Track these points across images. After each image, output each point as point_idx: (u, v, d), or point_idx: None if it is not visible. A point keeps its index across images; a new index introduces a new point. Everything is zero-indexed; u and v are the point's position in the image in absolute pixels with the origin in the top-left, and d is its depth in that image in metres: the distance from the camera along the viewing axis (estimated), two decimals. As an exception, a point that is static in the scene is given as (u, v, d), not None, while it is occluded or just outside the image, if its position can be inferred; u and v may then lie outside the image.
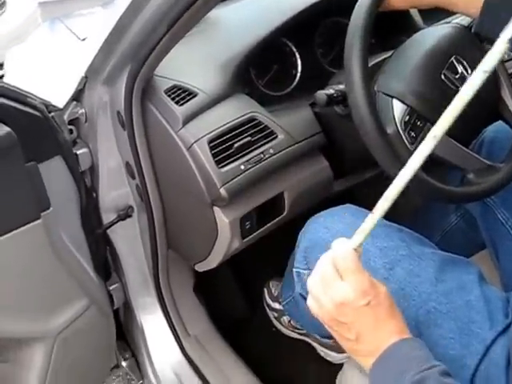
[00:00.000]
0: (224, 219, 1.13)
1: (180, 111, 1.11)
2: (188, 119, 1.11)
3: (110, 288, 1.37)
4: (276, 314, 1.67)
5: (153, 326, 1.42)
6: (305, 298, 1.09)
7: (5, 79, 1.32)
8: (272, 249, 1.51)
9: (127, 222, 1.31)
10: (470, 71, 1.05)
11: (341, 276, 0.75)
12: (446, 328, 0.88)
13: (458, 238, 1.39)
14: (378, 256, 0.96)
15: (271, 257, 1.67)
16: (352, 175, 1.36)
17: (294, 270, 1.07)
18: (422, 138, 1.02)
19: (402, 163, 0.96)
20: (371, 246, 0.97)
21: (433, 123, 1.04)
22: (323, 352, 1.60)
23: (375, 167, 1.11)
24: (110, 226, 1.29)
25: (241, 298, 1.70)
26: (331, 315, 0.77)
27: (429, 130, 1.01)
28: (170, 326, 1.40)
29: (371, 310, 0.75)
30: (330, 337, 1.48)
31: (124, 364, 1.50)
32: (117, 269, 1.39)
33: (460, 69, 1.04)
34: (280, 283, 1.69)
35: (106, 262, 1.37)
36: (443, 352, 0.87)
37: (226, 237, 1.15)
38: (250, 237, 1.20)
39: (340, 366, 1.55)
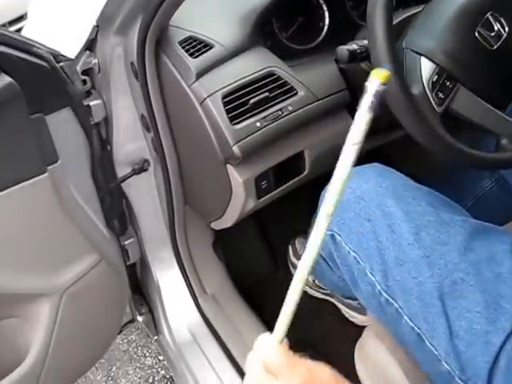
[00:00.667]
0: (238, 178, 1.08)
1: (194, 64, 1.05)
2: (202, 72, 1.05)
3: (126, 243, 1.35)
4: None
5: (169, 282, 1.40)
6: (325, 260, 1.06)
7: (24, 30, 1.29)
8: (298, 205, 1.46)
9: (143, 176, 1.28)
10: (507, 29, 0.96)
11: (275, 376, 0.65)
12: (472, 300, 0.82)
13: (491, 204, 1.32)
14: (403, 220, 0.90)
15: (297, 213, 1.63)
16: (379, 135, 1.29)
17: None
18: (452, 100, 0.97)
19: (428, 127, 0.90)
20: (396, 209, 0.91)
21: (464, 84, 0.98)
22: (347, 313, 1.56)
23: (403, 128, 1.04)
24: (125, 180, 1.26)
25: (263, 255, 1.66)
26: None
27: (458, 91, 0.96)
28: (186, 283, 1.38)
29: None
30: (354, 298, 1.47)
31: (140, 319, 1.49)
32: (132, 223, 1.36)
33: (496, 26, 0.96)
34: (306, 241, 1.65)
35: (122, 217, 1.34)
36: (467, 326, 0.81)
37: (240, 196, 1.10)
38: (267, 197, 1.15)
39: (364, 327, 1.53)
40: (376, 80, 0.47)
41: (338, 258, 0.99)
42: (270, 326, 1.46)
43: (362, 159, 1.13)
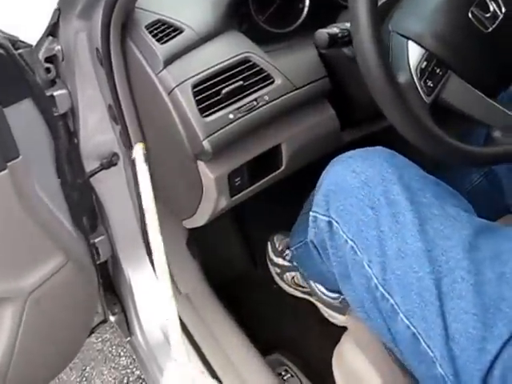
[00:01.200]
0: (209, 175, 1.00)
1: (162, 50, 0.97)
2: (171, 59, 0.97)
3: (96, 241, 1.27)
4: (279, 270, 1.56)
5: (141, 281, 1.33)
6: (316, 247, 0.98)
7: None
8: (277, 201, 1.39)
9: (112, 171, 1.20)
10: (503, 9, 0.89)
11: None
12: (470, 301, 0.75)
13: (480, 199, 1.24)
14: (408, 209, 0.83)
15: (276, 209, 1.56)
16: (362, 125, 1.22)
17: (311, 213, 0.94)
18: (442, 89, 0.90)
19: (415, 119, 0.83)
20: (402, 197, 0.84)
21: (455, 70, 0.90)
22: (327, 313, 1.50)
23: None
24: (93, 175, 1.19)
25: (241, 252, 1.59)
26: None
27: (449, 79, 0.89)
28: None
29: None
30: (337, 291, 1.41)
31: (112, 319, 1.42)
32: (102, 220, 1.29)
33: (492, 6, 0.88)
34: (286, 238, 1.58)
35: (91, 214, 1.27)
36: (462, 329, 0.75)
37: (211, 194, 1.02)
38: (241, 194, 1.07)
39: (345, 328, 1.47)
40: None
41: (331, 248, 0.92)
42: (245, 325, 1.41)
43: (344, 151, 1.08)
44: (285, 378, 1.29)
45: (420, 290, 0.78)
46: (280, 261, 1.55)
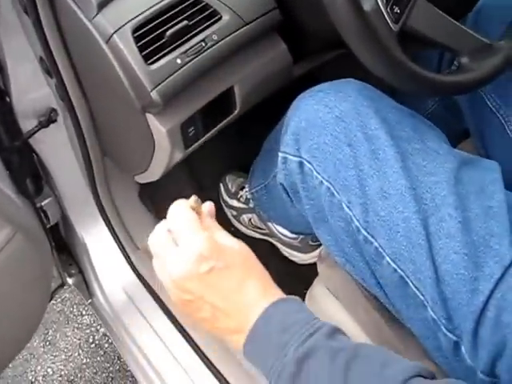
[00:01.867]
0: (160, 128, 0.91)
1: (93, -10, 0.86)
2: (104, 1, 0.86)
3: (43, 204, 1.19)
4: (235, 213, 1.51)
5: (96, 241, 1.26)
6: (286, 191, 0.92)
7: None
8: (225, 141, 1.32)
9: (52, 129, 1.10)
10: None
11: (175, 241, 0.63)
12: (459, 240, 0.72)
13: (437, 126, 1.23)
14: (388, 145, 0.78)
15: (225, 150, 1.50)
16: (313, 57, 1.15)
17: (280, 154, 0.88)
18: (408, 15, 0.82)
19: (383, 49, 0.76)
20: (381, 132, 0.79)
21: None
22: (287, 252, 1.47)
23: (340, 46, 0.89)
24: (32, 135, 1.09)
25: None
26: (176, 295, 0.64)
27: (416, 3, 0.82)
28: (115, 240, 1.24)
29: (218, 276, 0.61)
30: (299, 232, 1.37)
31: (70, 281, 1.35)
32: (48, 182, 1.20)
33: None
34: (238, 178, 1.53)
35: (35, 176, 1.18)
36: (452, 270, 0.72)
37: (164, 148, 0.94)
38: (196, 144, 1.00)
39: (306, 267, 1.45)
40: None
41: (302, 190, 0.86)
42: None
43: (295, 86, 1.02)
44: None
45: (406, 232, 0.74)
46: (235, 203, 1.50)
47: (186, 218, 0.63)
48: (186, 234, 0.62)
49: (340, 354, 0.56)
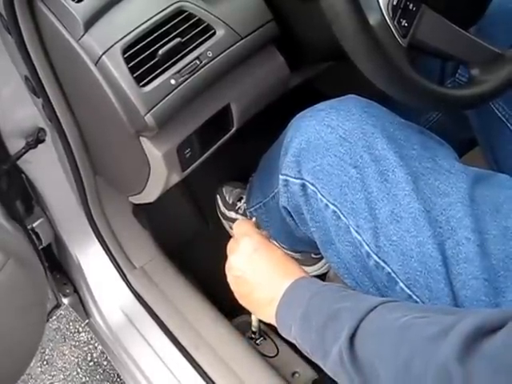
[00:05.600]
0: (155, 152, 0.87)
1: (79, 9, 0.80)
2: (92, 20, 0.81)
3: (34, 225, 1.15)
4: (232, 224, 1.46)
5: (91, 261, 1.21)
6: (290, 214, 0.90)
7: None
8: (220, 153, 1.28)
9: (41, 149, 1.05)
10: None
11: (236, 241, 0.83)
12: (478, 265, 0.69)
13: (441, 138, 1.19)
14: (398, 165, 0.74)
15: (220, 161, 1.45)
16: (309, 66, 1.11)
17: (281, 177, 0.85)
18: (416, 28, 0.77)
19: (393, 65, 0.72)
20: (389, 152, 0.75)
21: (428, 3, 0.78)
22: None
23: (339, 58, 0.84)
24: (20, 157, 1.04)
25: (190, 212, 1.48)
26: (232, 272, 0.82)
27: (423, 15, 0.77)
28: (110, 260, 1.20)
29: (260, 256, 0.78)
30: (304, 251, 1.33)
31: (66, 301, 1.31)
32: (38, 202, 1.15)
33: None
34: (235, 188, 1.48)
35: (26, 196, 1.13)
36: (472, 296, 0.68)
37: (161, 172, 0.90)
38: (193, 165, 0.95)
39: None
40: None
41: (307, 213, 0.83)
42: (206, 287, 1.32)
43: (290, 94, 0.97)
44: (257, 342, 1.22)
45: (421, 257, 0.71)
46: (233, 214, 1.45)
47: (245, 226, 0.86)
48: (243, 235, 0.84)
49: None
